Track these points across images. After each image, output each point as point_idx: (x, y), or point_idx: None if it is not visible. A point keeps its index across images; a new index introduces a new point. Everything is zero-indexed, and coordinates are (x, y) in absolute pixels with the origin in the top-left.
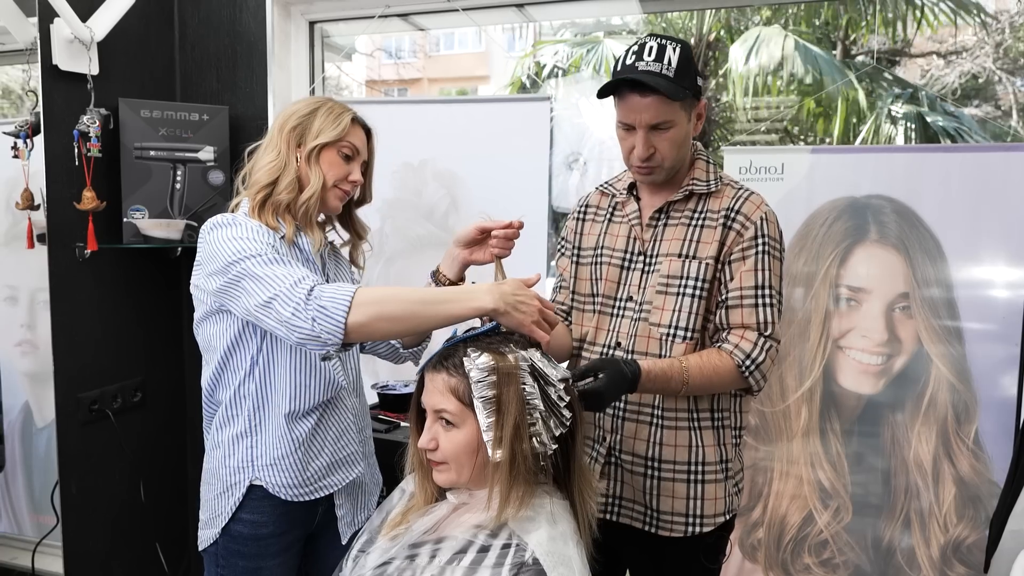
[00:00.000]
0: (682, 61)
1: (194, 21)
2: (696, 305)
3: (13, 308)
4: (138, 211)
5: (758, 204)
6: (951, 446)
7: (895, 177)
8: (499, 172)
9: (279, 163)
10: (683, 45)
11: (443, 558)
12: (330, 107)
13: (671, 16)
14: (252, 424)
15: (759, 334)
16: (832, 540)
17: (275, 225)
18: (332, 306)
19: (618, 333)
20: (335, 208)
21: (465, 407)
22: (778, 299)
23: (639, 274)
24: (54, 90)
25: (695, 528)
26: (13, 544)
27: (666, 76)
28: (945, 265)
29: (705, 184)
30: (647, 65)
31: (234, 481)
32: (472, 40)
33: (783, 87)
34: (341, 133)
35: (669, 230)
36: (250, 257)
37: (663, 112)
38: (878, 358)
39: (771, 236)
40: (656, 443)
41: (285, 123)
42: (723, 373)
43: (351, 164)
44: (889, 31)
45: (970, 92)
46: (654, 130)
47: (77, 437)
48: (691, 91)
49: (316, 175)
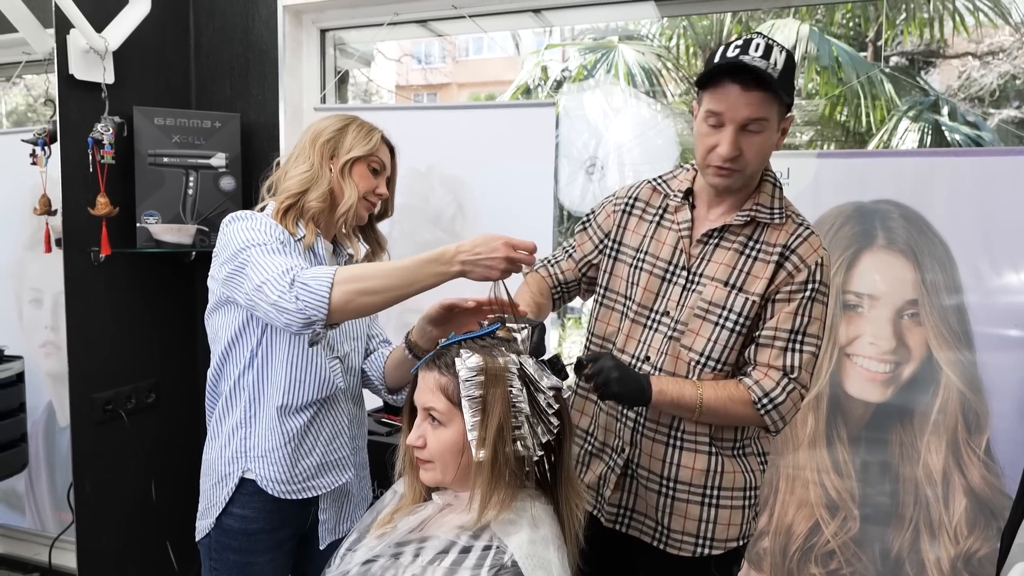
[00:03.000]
0: (787, 66)
1: (209, 30)
2: (733, 340)
3: (38, 310)
4: (151, 216)
5: (816, 248)
6: (961, 456)
7: (903, 182)
8: (505, 177)
9: (312, 174)
10: (789, 52)
11: (426, 557)
12: (360, 124)
13: (692, 19)
14: (247, 416)
15: (784, 375)
16: (839, 550)
17: (294, 231)
18: (315, 284)
19: (649, 347)
20: (362, 219)
21: (453, 406)
22: (814, 346)
23: (680, 290)
24: (70, 99)
25: (704, 550)
26: (35, 539)
27: (771, 75)
28: (955, 271)
29: (769, 213)
30: (753, 60)
31: (227, 472)
32: (501, 45)
33: (805, 72)
34: (372, 148)
35: (720, 252)
36: (255, 245)
37: (762, 109)
38: (886, 366)
39: (822, 282)
40: (673, 464)
41: (317, 137)
42: (738, 405)
43: (379, 178)
44: (921, 32)
45: (1010, 93)
46: (744, 130)
47: (91, 437)
48: (789, 97)
49: (350, 187)
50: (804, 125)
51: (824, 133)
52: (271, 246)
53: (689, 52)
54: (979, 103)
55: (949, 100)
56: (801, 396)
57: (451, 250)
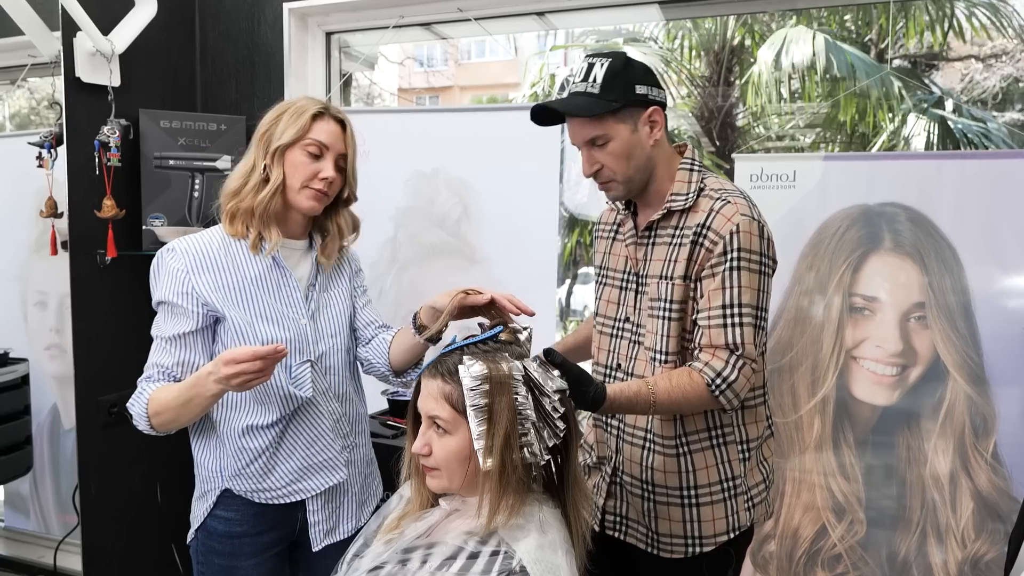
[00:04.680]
0: (608, 75)
1: (214, 33)
2: (668, 327)
3: (43, 313)
4: (157, 219)
5: (729, 216)
6: (969, 459)
7: (909, 184)
8: (510, 180)
9: (246, 168)
10: (613, 59)
11: (434, 563)
12: (296, 107)
13: (696, 22)
14: (215, 438)
15: (731, 352)
16: (846, 554)
17: (244, 233)
18: (137, 413)
19: (618, 355)
20: (312, 209)
21: (458, 414)
22: (753, 315)
23: (633, 295)
24: (77, 102)
25: (695, 549)
26: (40, 542)
27: (589, 94)
28: (962, 274)
29: (683, 198)
30: (575, 86)
31: (207, 488)
32: (503, 48)
33: (819, 82)
34: (300, 132)
35: (657, 249)
36: (155, 336)
37: (590, 129)
38: (893, 369)
39: (743, 248)
40: (648, 467)
41: (259, 130)
42: (691, 393)
43: (320, 162)
44: (922, 35)
45: (1013, 96)
46: (593, 146)
47: (97, 439)
48: (620, 102)
49: (276, 175)
50: (807, 128)
51: (826, 136)
52: (162, 341)
53: (692, 55)
54: (982, 106)
55: (954, 95)
56: (753, 370)
57: (203, 372)
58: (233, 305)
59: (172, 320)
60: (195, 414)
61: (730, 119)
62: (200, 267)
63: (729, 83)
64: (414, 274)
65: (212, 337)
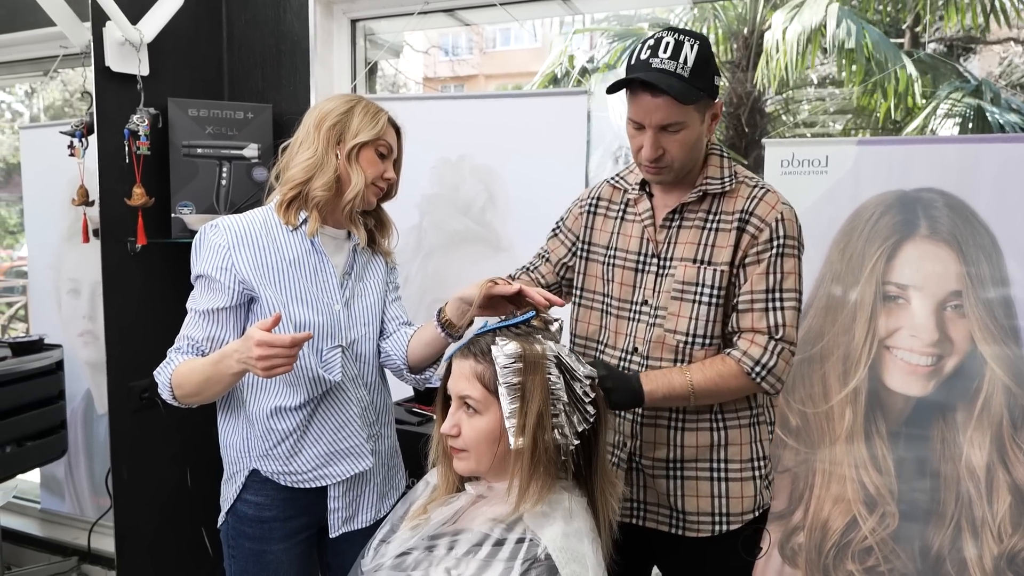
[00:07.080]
0: (699, 60)
1: (240, 21)
2: (714, 313)
3: (76, 300)
4: (186, 207)
5: (773, 204)
6: (1006, 452)
7: (947, 169)
8: (536, 167)
9: (316, 161)
10: (702, 42)
11: (460, 550)
12: (366, 106)
13: (723, 6)
14: (244, 418)
15: (769, 337)
16: (877, 547)
17: (294, 221)
18: (162, 383)
19: (635, 338)
20: (371, 204)
21: (489, 394)
22: (794, 300)
23: (653, 277)
24: (106, 91)
25: (722, 527)
26: (74, 524)
27: (680, 76)
28: (1001, 262)
29: (719, 183)
30: (661, 63)
31: (236, 470)
32: (528, 36)
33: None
34: (379, 132)
35: (684, 232)
36: (190, 309)
37: (674, 114)
38: (928, 359)
39: (787, 235)
40: (676, 445)
41: (322, 121)
42: (731, 382)
43: (386, 162)
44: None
45: None
46: (664, 131)
47: (128, 424)
48: (706, 92)
49: (358, 173)
50: (837, 113)
51: (857, 122)
52: (195, 314)
53: (720, 39)
54: (1020, 90)
55: (992, 85)
56: (792, 353)
57: (228, 350)
58: (270, 284)
59: (208, 294)
60: (215, 392)
61: (759, 105)
62: (241, 244)
63: (757, 69)
64: (439, 262)
65: (245, 316)
